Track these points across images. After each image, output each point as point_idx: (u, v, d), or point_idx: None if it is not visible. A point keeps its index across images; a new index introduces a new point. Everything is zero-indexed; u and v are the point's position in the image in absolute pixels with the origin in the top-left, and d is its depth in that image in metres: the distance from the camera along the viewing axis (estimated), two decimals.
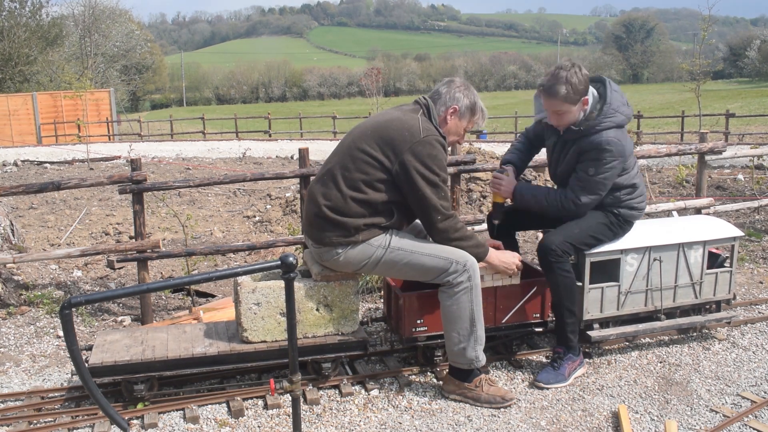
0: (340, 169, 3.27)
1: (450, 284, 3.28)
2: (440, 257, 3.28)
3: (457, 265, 3.26)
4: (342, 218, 3.23)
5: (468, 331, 3.32)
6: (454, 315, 3.31)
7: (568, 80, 3.37)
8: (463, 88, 3.40)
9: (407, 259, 3.29)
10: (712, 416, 3.29)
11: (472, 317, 3.31)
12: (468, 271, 3.27)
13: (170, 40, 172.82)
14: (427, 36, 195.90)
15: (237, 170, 14.14)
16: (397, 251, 3.29)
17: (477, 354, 3.35)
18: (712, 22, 16.03)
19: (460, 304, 3.29)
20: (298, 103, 71.82)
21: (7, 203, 9.59)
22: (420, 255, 3.28)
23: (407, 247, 3.29)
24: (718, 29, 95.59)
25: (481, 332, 3.35)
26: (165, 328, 3.77)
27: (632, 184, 3.62)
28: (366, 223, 3.24)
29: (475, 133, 22.91)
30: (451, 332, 3.35)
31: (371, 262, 3.30)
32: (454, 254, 3.29)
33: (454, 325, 3.33)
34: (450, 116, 3.37)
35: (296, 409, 2.60)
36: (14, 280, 5.49)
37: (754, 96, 41.26)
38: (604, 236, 3.66)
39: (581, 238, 3.59)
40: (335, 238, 3.26)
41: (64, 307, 2.10)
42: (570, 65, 3.42)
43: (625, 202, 3.63)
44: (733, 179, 10.47)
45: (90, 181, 4.66)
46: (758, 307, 4.75)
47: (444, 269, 3.27)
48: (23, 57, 33.17)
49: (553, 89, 3.40)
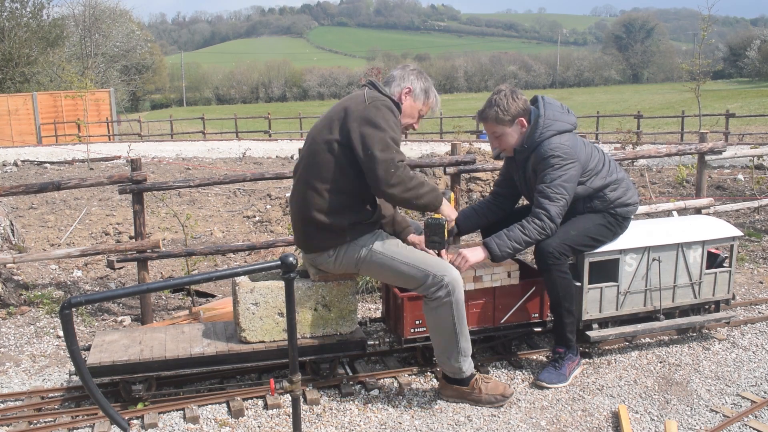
0: (308, 169, 3.26)
1: (428, 297, 3.23)
2: (418, 268, 3.21)
3: (434, 278, 3.17)
4: (326, 218, 3.19)
5: (449, 344, 3.27)
6: (435, 325, 3.28)
7: (497, 103, 3.55)
8: (417, 72, 3.42)
9: (388, 264, 3.25)
10: (712, 416, 3.30)
11: (454, 331, 3.24)
12: (447, 286, 3.17)
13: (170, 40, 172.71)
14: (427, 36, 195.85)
15: (237, 170, 14.14)
16: (378, 255, 3.26)
17: (460, 365, 3.32)
18: (712, 22, 16.03)
19: (439, 318, 3.23)
20: (298, 103, 71.81)
21: (7, 203, 9.59)
22: (399, 262, 3.23)
23: (388, 253, 3.25)
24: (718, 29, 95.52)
25: (464, 345, 3.29)
26: (163, 328, 3.78)
27: (612, 181, 3.64)
28: (351, 222, 3.23)
29: (475, 133, 22.94)
30: (435, 342, 3.34)
31: (359, 262, 3.30)
32: (434, 267, 3.20)
33: (436, 336, 3.31)
34: (405, 96, 3.35)
35: (296, 409, 2.60)
36: (14, 280, 5.49)
37: (754, 96, 41.25)
38: (603, 236, 3.67)
39: (579, 240, 3.59)
40: (323, 242, 3.26)
41: (64, 307, 2.10)
42: (503, 90, 3.58)
43: (615, 201, 3.64)
44: (733, 179, 10.47)
45: (90, 181, 4.66)
46: (758, 307, 4.75)
47: (421, 281, 3.20)
48: (24, 57, 33.15)
49: (484, 113, 3.61)
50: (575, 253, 3.66)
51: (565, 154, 3.46)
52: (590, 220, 3.64)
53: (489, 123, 3.59)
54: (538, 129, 3.53)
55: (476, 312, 3.67)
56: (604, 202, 3.63)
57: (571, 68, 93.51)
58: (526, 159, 3.62)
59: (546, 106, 3.60)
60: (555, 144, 3.47)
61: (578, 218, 3.65)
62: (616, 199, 3.64)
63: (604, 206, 3.64)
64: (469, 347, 3.33)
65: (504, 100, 3.53)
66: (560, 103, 3.68)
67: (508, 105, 3.53)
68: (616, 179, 3.65)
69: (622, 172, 3.74)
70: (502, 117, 3.53)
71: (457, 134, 21.30)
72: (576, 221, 3.63)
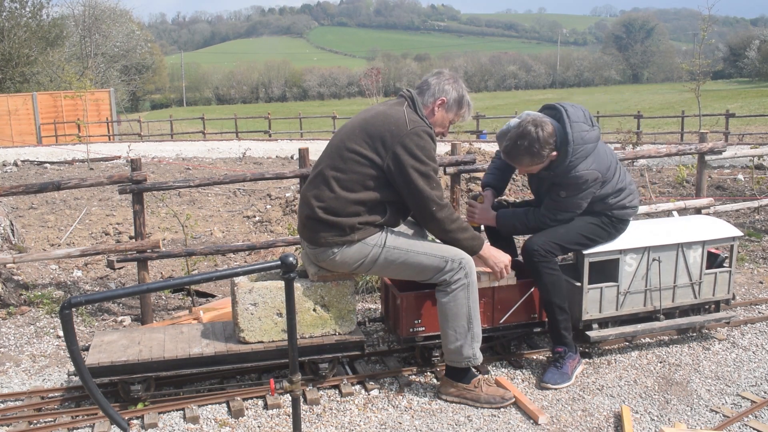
0: (331, 170, 3.26)
1: (447, 282, 3.27)
2: (436, 255, 3.27)
3: (452, 263, 3.26)
4: (336, 218, 3.21)
5: (465, 329, 3.31)
6: (451, 312, 3.30)
7: (528, 150, 3.37)
8: (452, 80, 3.39)
9: (403, 258, 3.28)
10: (712, 416, 3.29)
11: (469, 314, 3.31)
12: (464, 268, 3.27)
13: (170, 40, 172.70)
14: (427, 36, 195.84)
15: (237, 170, 14.14)
16: (393, 250, 3.28)
17: (474, 351, 3.35)
18: (712, 22, 16.05)
19: (457, 302, 3.28)
20: (298, 103, 71.84)
21: (7, 203, 9.58)
22: (416, 254, 3.27)
23: (403, 246, 3.28)
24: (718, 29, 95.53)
25: (477, 330, 3.35)
26: (162, 328, 3.78)
27: (618, 190, 3.62)
28: (361, 222, 3.23)
29: (475, 133, 22.93)
30: (448, 330, 3.34)
31: (368, 262, 3.29)
32: (449, 252, 3.28)
33: (451, 323, 3.32)
34: (437, 108, 3.35)
35: (296, 409, 2.60)
36: (14, 280, 5.49)
37: (754, 96, 41.26)
38: (598, 236, 3.66)
39: (570, 238, 3.59)
40: (330, 237, 3.25)
41: (64, 307, 2.10)
42: (530, 130, 3.34)
43: (615, 204, 3.64)
44: (733, 179, 10.47)
45: (90, 181, 4.66)
46: (758, 307, 4.75)
47: (440, 268, 3.26)
48: (23, 57, 33.15)
49: (517, 159, 3.46)
50: (565, 251, 3.66)
51: (593, 178, 3.44)
52: (583, 219, 3.63)
53: (522, 166, 3.51)
54: (568, 157, 3.38)
55: None
56: (603, 204, 3.63)
57: (571, 68, 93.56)
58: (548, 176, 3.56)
59: (573, 125, 3.38)
60: (584, 170, 3.41)
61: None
62: (617, 202, 3.64)
63: (602, 208, 3.64)
64: (480, 334, 3.38)
65: (536, 146, 3.34)
66: (582, 112, 3.49)
67: (540, 148, 3.34)
68: (623, 186, 3.64)
69: (629, 177, 3.73)
70: (536, 161, 3.42)
71: (457, 134, 21.29)
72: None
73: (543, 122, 3.37)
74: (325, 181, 3.26)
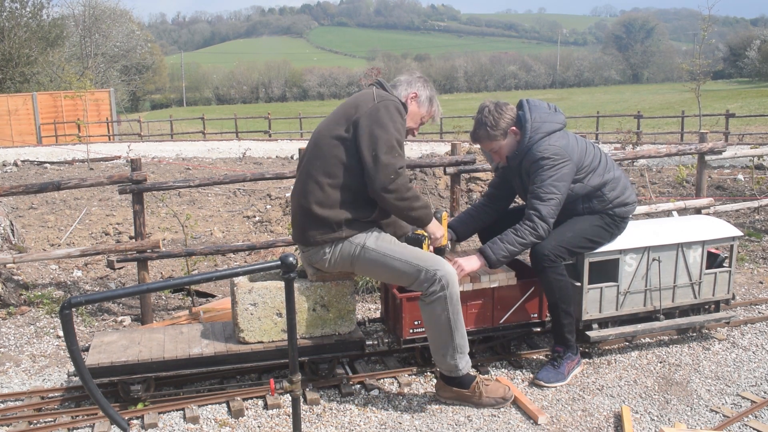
0: (312, 162, 3.28)
1: (423, 293, 3.23)
2: (411, 264, 3.20)
3: (427, 273, 3.17)
4: (324, 211, 3.20)
5: (445, 340, 3.26)
6: (429, 322, 3.27)
7: (484, 122, 3.57)
8: (423, 80, 3.48)
9: (381, 260, 3.25)
10: (712, 416, 3.30)
11: (449, 326, 3.23)
12: (440, 280, 3.17)
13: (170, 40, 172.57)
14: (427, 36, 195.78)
15: (237, 170, 14.14)
16: (371, 252, 3.25)
17: (456, 362, 3.30)
18: (712, 22, 16.06)
19: (434, 313, 3.22)
20: (298, 103, 71.81)
21: (7, 203, 9.59)
22: (392, 259, 3.23)
23: (381, 250, 3.25)
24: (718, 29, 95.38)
25: (460, 341, 3.27)
26: (162, 328, 3.78)
27: (609, 179, 3.63)
28: (348, 218, 3.22)
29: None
30: (430, 339, 3.33)
31: (351, 261, 3.30)
32: (426, 263, 3.20)
33: (431, 332, 3.30)
34: (410, 101, 3.40)
35: (296, 409, 2.60)
36: (14, 280, 5.49)
37: (754, 96, 41.23)
38: (601, 238, 3.67)
39: (575, 242, 3.59)
40: (319, 236, 3.25)
41: (64, 307, 2.10)
42: (487, 106, 3.60)
43: (614, 201, 3.64)
44: (733, 179, 10.47)
45: (90, 181, 4.66)
46: (758, 307, 4.75)
47: (414, 277, 3.20)
48: (24, 57, 33.13)
49: (475, 134, 3.65)
50: (572, 254, 3.65)
51: (555, 154, 3.47)
52: (587, 221, 3.64)
53: (483, 142, 3.64)
54: (527, 134, 3.54)
55: (475, 312, 3.67)
56: (602, 201, 3.63)
57: (571, 68, 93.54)
58: (519, 164, 3.63)
59: (532, 109, 3.60)
60: (544, 146, 3.48)
61: (575, 219, 3.65)
62: (615, 198, 3.64)
63: (603, 206, 3.64)
64: (465, 344, 3.31)
65: (490, 116, 3.56)
66: (546, 103, 3.68)
67: (495, 120, 3.55)
68: (613, 177, 3.65)
69: (618, 170, 3.73)
70: (494, 133, 3.57)
71: (457, 134, 21.28)
72: (572, 223, 3.63)
73: (502, 102, 3.63)
74: (309, 174, 3.28)
